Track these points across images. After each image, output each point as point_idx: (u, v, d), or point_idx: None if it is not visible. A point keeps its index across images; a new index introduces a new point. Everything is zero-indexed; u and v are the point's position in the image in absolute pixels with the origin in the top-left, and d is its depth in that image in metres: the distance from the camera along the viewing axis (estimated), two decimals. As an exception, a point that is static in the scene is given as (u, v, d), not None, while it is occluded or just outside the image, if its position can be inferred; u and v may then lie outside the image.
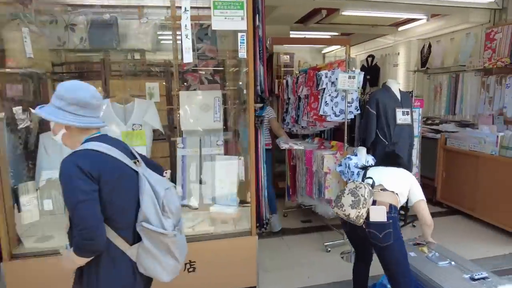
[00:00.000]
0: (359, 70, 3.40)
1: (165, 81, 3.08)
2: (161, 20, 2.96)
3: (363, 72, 3.48)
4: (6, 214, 2.36)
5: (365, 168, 2.39)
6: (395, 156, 2.51)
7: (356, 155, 3.19)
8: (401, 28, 6.58)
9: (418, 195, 2.23)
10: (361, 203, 2.02)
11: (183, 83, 3.07)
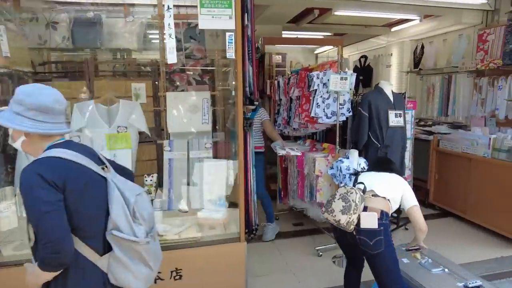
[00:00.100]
0: (351, 71, 3.36)
1: (152, 82, 2.99)
2: (148, 19, 2.87)
3: (355, 73, 3.43)
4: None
5: (357, 174, 2.34)
6: (388, 161, 2.47)
7: (348, 158, 3.14)
8: (394, 29, 6.57)
9: (411, 201, 2.18)
10: (352, 209, 1.97)
11: (171, 84, 2.98)
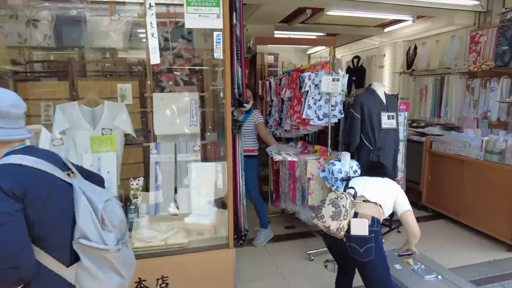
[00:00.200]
0: (344, 72, 3.30)
1: (139, 82, 2.90)
2: (134, 17, 2.77)
3: (348, 74, 3.37)
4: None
5: (348, 179, 2.28)
6: (381, 166, 2.40)
7: (340, 161, 3.09)
8: (387, 29, 6.54)
9: (404, 206, 2.12)
10: (342, 215, 1.91)
11: (158, 85, 2.89)
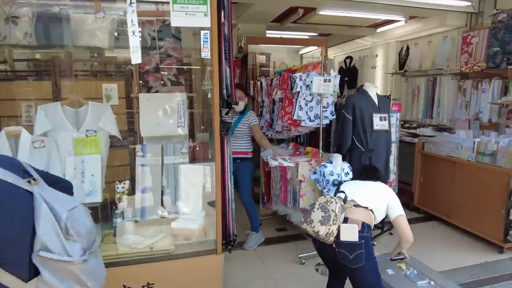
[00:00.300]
0: (336, 73, 3.25)
1: (125, 82, 2.80)
2: (120, 15, 2.67)
3: (339, 75, 3.32)
4: None
5: (340, 183, 2.22)
6: (373, 169, 2.34)
7: (332, 163, 3.04)
8: (380, 30, 6.53)
9: (397, 210, 2.06)
10: (332, 220, 1.85)
11: (144, 85, 2.80)
